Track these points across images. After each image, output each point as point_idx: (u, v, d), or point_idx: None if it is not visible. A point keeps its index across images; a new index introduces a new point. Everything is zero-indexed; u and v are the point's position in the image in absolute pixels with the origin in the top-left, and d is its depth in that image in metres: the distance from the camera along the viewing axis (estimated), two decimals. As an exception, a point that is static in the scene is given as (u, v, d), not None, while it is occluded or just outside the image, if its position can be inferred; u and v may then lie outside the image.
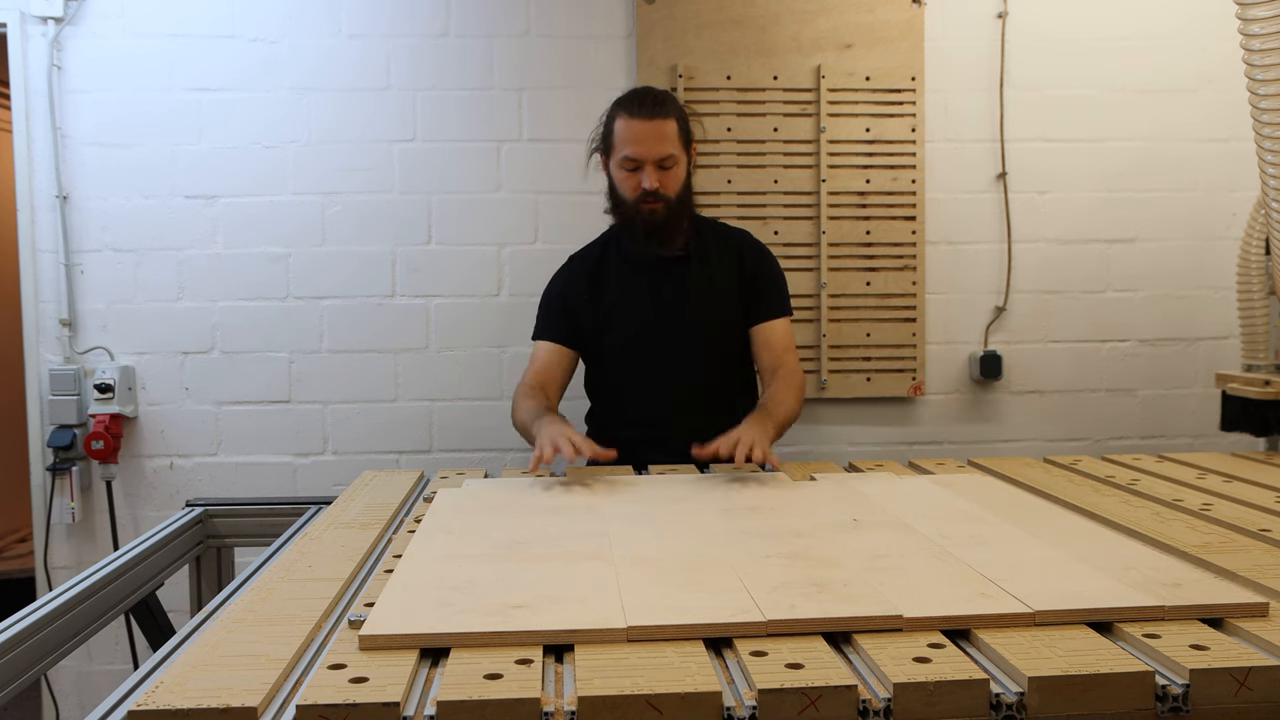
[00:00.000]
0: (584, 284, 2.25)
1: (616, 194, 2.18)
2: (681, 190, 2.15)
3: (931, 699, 0.94)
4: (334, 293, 2.91)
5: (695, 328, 2.20)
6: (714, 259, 2.23)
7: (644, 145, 2.09)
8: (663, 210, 2.13)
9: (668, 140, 2.11)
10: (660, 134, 2.10)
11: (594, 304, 2.23)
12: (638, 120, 2.10)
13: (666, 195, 2.12)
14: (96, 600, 1.63)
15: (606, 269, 2.26)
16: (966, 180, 3.00)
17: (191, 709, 0.92)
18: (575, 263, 2.31)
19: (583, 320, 2.23)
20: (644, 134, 2.09)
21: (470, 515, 1.60)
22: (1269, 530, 1.48)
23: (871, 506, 1.62)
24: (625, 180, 2.14)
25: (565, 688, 0.98)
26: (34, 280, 2.83)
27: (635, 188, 2.12)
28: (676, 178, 2.14)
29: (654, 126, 2.10)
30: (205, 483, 2.90)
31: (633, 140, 2.10)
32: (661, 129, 2.10)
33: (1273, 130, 1.91)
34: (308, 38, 2.86)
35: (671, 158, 2.11)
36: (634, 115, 2.11)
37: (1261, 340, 2.34)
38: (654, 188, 2.10)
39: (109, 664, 2.91)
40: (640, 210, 2.13)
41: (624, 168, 2.13)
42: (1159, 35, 3.01)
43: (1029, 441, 3.06)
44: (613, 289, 2.23)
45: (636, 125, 2.10)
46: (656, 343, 2.20)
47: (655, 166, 2.10)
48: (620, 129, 2.12)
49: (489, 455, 2.95)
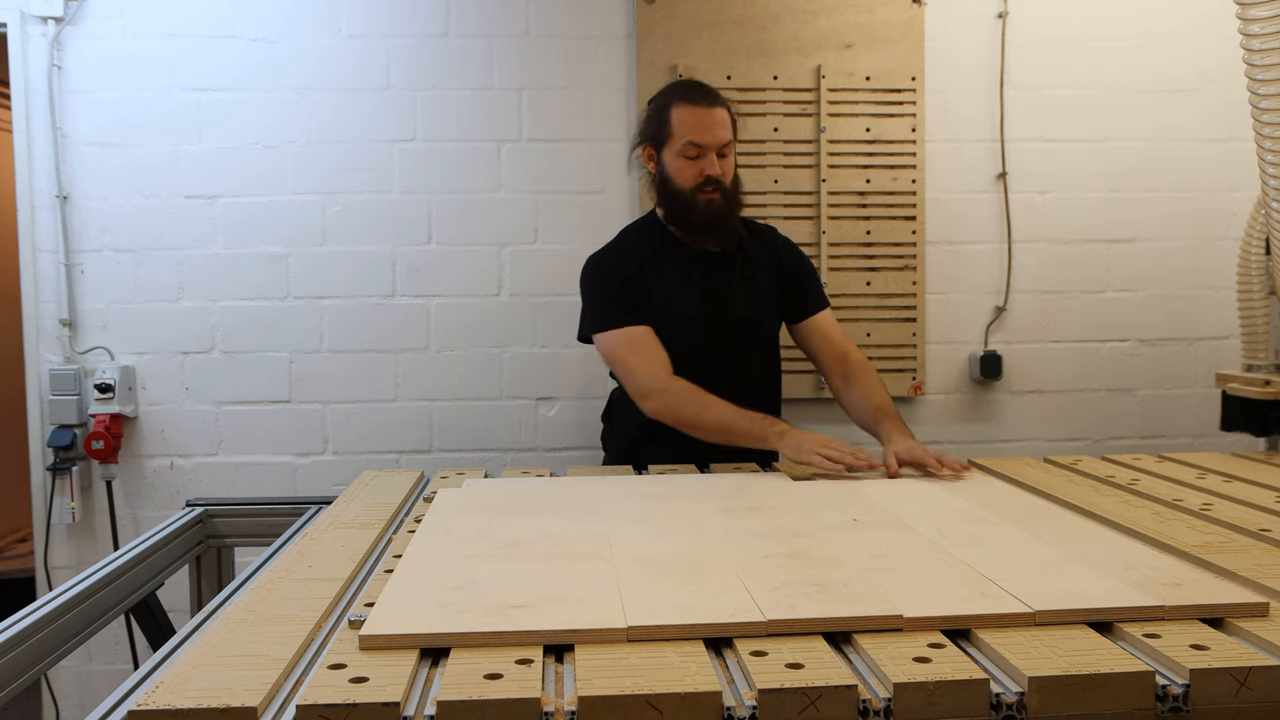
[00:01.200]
0: (637, 271, 2.18)
1: (671, 185, 2.14)
2: (734, 182, 2.17)
3: (931, 699, 0.94)
4: (334, 293, 2.91)
5: (741, 325, 2.19)
6: (754, 256, 2.23)
7: (711, 132, 2.09)
8: (721, 199, 2.12)
9: (727, 128, 2.12)
10: (722, 121, 2.11)
11: (649, 292, 2.17)
12: (700, 107, 2.10)
13: (724, 184, 2.12)
14: (96, 600, 1.63)
15: (654, 259, 2.20)
16: (966, 180, 3.00)
17: (191, 709, 0.92)
18: (617, 253, 2.23)
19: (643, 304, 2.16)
20: (711, 120, 2.09)
21: (470, 515, 1.60)
22: (1269, 530, 1.48)
23: (871, 506, 1.62)
24: (685, 169, 2.11)
25: (565, 688, 0.98)
26: (34, 280, 2.83)
27: (697, 175, 2.10)
28: (731, 166, 2.15)
29: (717, 114, 2.10)
30: (205, 483, 2.90)
31: (699, 128, 2.09)
32: (722, 116, 2.11)
33: (1273, 130, 1.91)
34: (308, 38, 2.86)
35: (730, 145, 2.13)
36: (695, 102, 2.10)
37: (1261, 340, 2.34)
38: (718, 174, 2.09)
39: (109, 664, 2.91)
40: (698, 199, 2.11)
41: (685, 155, 2.11)
42: (1159, 35, 3.01)
43: (1029, 441, 3.06)
44: (662, 280, 2.18)
45: (700, 111, 2.09)
46: (704, 337, 2.18)
47: (717, 153, 2.10)
48: (680, 116, 2.11)
49: (489, 455, 2.95)
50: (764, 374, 2.28)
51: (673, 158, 2.13)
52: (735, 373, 2.18)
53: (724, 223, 2.15)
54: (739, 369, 2.20)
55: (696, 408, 2.04)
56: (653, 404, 2.07)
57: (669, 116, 2.13)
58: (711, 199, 2.12)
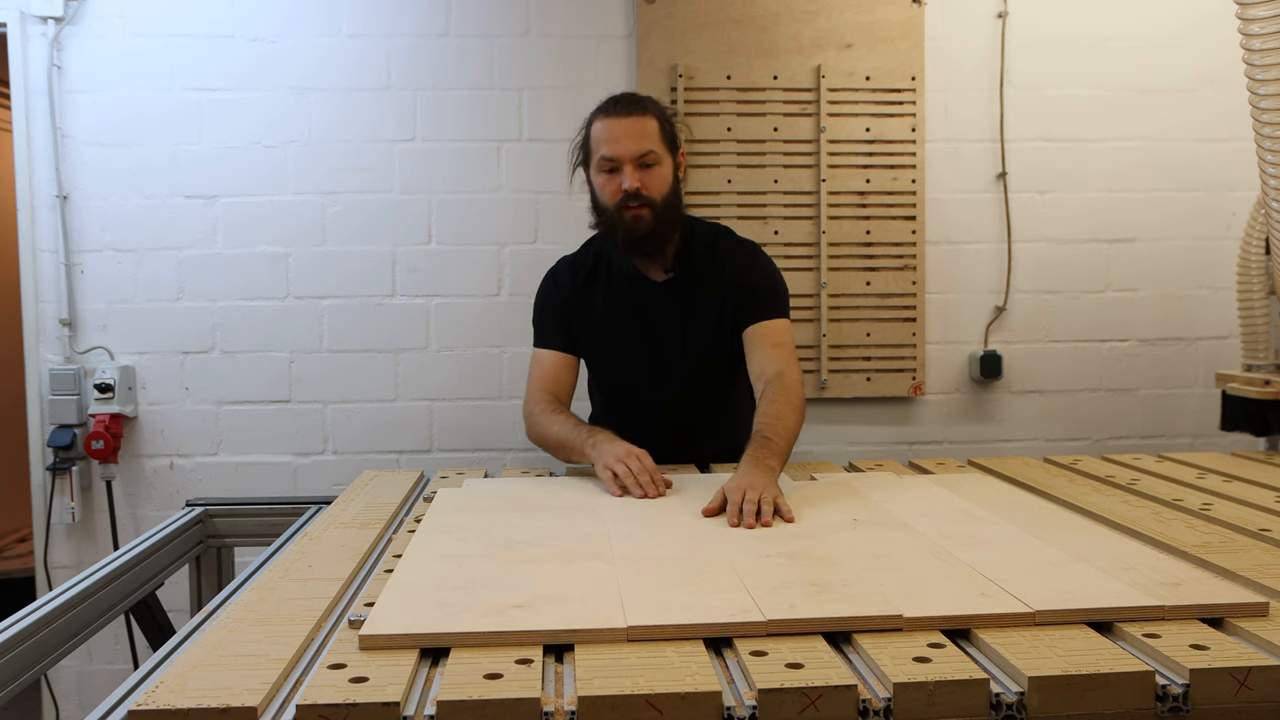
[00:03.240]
0: (575, 294, 2.11)
1: (596, 204, 2.03)
2: (668, 195, 1.99)
3: (931, 699, 0.94)
4: (334, 293, 2.91)
5: (682, 354, 2.07)
6: (701, 277, 2.07)
7: (620, 143, 1.94)
8: (648, 216, 1.96)
9: (646, 137, 1.95)
10: (638, 130, 1.95)
11: (584, 315, 2.11)
12: (613, 118, 1.96)
13: (650, 197, 1.95)
14: (96, 600, 1.63)
15: (595, 282, 2.11)
16: (966, 180, 3.00)
17: (191, 709, 0.92)
18: (564, 269, 2.17)
19: (576, 330, 2.11)
20: (620, 131, 1.95)
21: (470, 515, 1.60)
22: (1269, 530, 1.48)
23: (871, 506, 1.62)
24: (605, 185, 1.98)
25: (565, 688, 0.98)
26: (34, 280, 2.83)
27: (615, 191, 1.96)
28: (660, 179, 1.97)
29: (631, 123, 1.95)
30: (205, 483, 2.90)
31: (609, 139, 1.95)
32: (639, 125, 1.95)
33: (1273, 130, 1.91)
34: (308, 38, 2.86)
35: (652, 154, 1.95)
36: (609, 114, 1.97)
37: (1261, 340, 2.34)
38: (634, 187, 1.93)
39: (109, 664, 2.91)
40: (623, 217, 1.96)
41: (602, 170, 1.98)
42: (1159, 35, 3.01)
43: (1029, 441, 3.06)
44: (600, 305, 2.10)
45: (612, 123, 1.96)
46: (644, 366, 2.09)
47: (635, 165, 1.94)
48: (596, 131, 1.99)
49: (489, 455, 2.95)
50: (714, 403, 2.12)
51: (595, 175, 2.01)
52: (684, 392, 2.09)
53: (650, 242, 1.99)
54: (688, 389, 2.09)
55: (542, 428, 2.02)
56: (525, 429, 2.09)
57: (590, 133, 2.01)
58: (638, 215, 1.95)
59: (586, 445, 1.89)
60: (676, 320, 2.07)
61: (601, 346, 2.11)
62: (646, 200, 1.95)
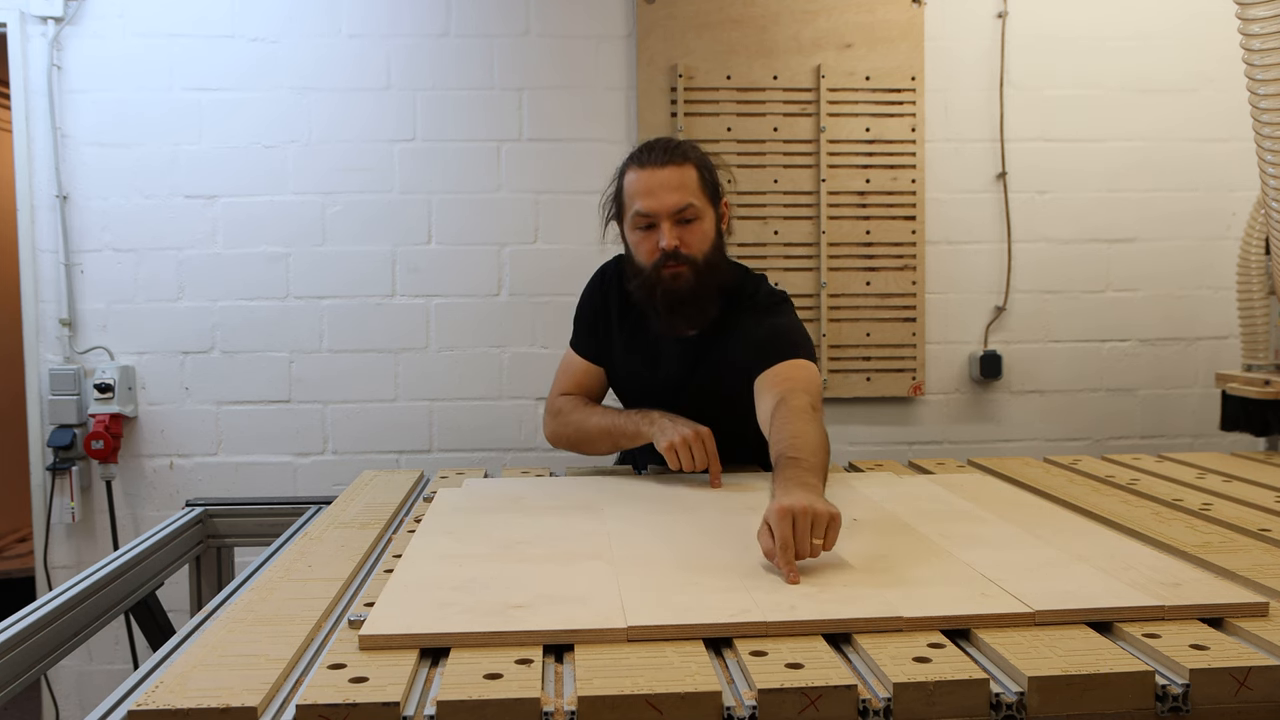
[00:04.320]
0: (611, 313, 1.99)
1: (632, 263, 1.86)
2: (710, 252, 1.81)
3: (931, 699, 0.94)
4: (334, 293, 2.91)
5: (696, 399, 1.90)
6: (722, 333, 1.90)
7: (656, 196, 1.77)
8: (689, 275, 1.79)
9: (685, 189, 1.78)
10: (676, 182, 1.78)
11: (613, 342, 1.99)
12: (648, 169, 1.79)
13: (691, 256, 1.79)
14: (96, 600, 1.63)
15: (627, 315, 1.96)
16: (966, 180, 3.00)
17: (191, 709, 0.92)
18: (611, 280, 2.00)
19: (604, 348, 2.00)
20: (656, 184, 1.78)
21: (470, 515, 1.60)
22: (1269, 530, 1.48)
23: (871, 506, 1.62)
24: (640, 243, 1.82)
25: (565, 688, 0.98)
26: (34, 280, 2.83)
27: (652, 250, 1.79)
28: (701, 234, 1.80)
29: (668, 174, 1.78)
30: (205, 483, 2.90)
31: (644, 192, 1.78)
32: (677, 176, 1.78)
33: (1273, 130, 1.91)
34: (307, 38, 2.86)
35: (692, 208, 1.78)
36: (644, 165, 1.80)
37: (1261, 340, 2.34)
38: (673, 246, 1.77)
39: (109, 664, 2.91)
40: (661, 278, 1.79)
41: (637, 227, 1.81)
42: (1159, 35, 3.01)
43: (1029, 441, 3.06)
44: (627, 341, 1.97)
45: (647, 175, 1.79)
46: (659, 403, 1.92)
47: (673, 221, 1.78)
48: (630, 183, 1.82)
49: (489, 455, 2.95)
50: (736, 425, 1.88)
51: (629, 231, 1.85)
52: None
53: (692, 307, 1.82)
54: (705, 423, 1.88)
55: (578, 421, 1.94)
56: (545, 430, 2.03)
57: (623, 184, 1.85)
58: (677, 274, 1.79)
59: (643, 424, 1.82)
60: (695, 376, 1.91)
61: (621, 374, 2.02)
62: (686, 259, 1.79)
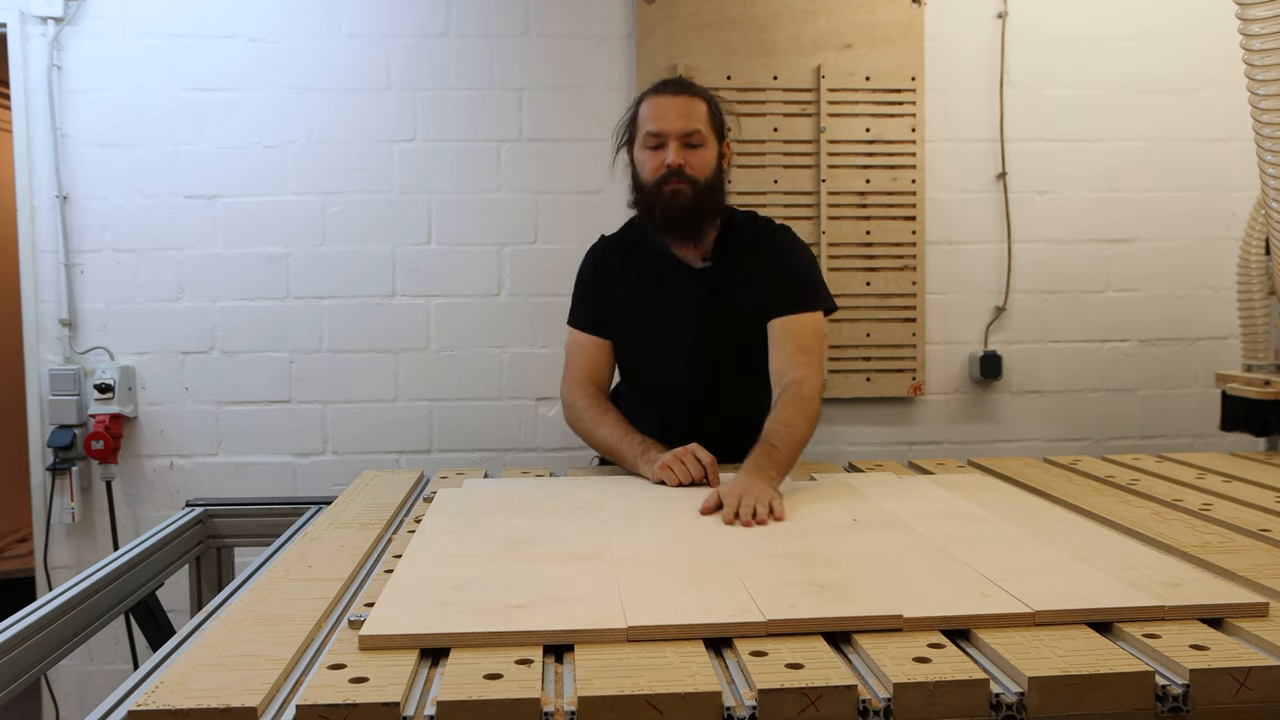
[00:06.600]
0: (609, 275, 2.10)
1: (637, 180, 2.02)
2: (711, 177, 1.97)
3: (931, 699, 0.94)
4: (334, 293, 2.91)
5: (712, 342, 2.03)
6: (737, 270, 2.03)
7: (668, 120, 1.94)
8: (688, 193, 1.94)
9: (694, 117, 1.95)
10: (686, 110, 1.95)
11: (616, 301, 2.09)
12: (663, 96, 1.98)
13: (692, 175, 1.94)
14: (96, 600, 1.63)
15: (630, 261, 2.09)
16: (966, 180, 3.00)
17: (191, 709, 0.92)
18: (604, 251, 2.15)
19: (607, 313, 2.10)
20: (669, 109, 1.95)
21: (470, 515, 1.60)
22: (1269, 530, 1.48)
23: (871, 506, 1.62)
24: (647, 161, 1.98)
25: (565, 688, 0.98)
26: (34, 280, 2.83)
27: (658, 167, 1.95)
28: (704, 160, 1.96)
29: (680, 102, 1.96)
30: (205, 483, 2.90)
31: (656, 115, 1.96)
32: (688, 105, 1.96)
33: (1273, 130, 1.91)
34: (307, 37, 2.86)
35: (699, 134, 1.95)
36: (659, 93, 1.99)
37: (1261, 340, 2.34)
38: (677, 164, 1.93)
39: (109, 664, 2.91)
40: (662, 193, 1.94)
41: (646, 146, 1.97)
42: (1159, 35, 3.01)
43: (1029, 441, 3.06)
44: (632, 292, 2.07)
45: (661, 100, 1.97)
46: (672, 355, 2.05)
47: (680, 143, 1.94)
48: (644, 109, 2.00)
49: (489, 455, 2.95)
50: (744, 399, 2.06)
51: (639, 151, 2.01)
52: (708, 395, 2.05)
53: (687, 222, 1.97)
54: (712, 392, 2.05)
55: (589, 424, 2.04)
56: (564, 413, 2.13)
57: (638, 112, 2.02)
58: (677, 190, 1.94)
59: (641, 461, 1.90)
60: (710, 307, 2.03)
61: (629, 329, 2.09)
62: (688, 178, 1.94)
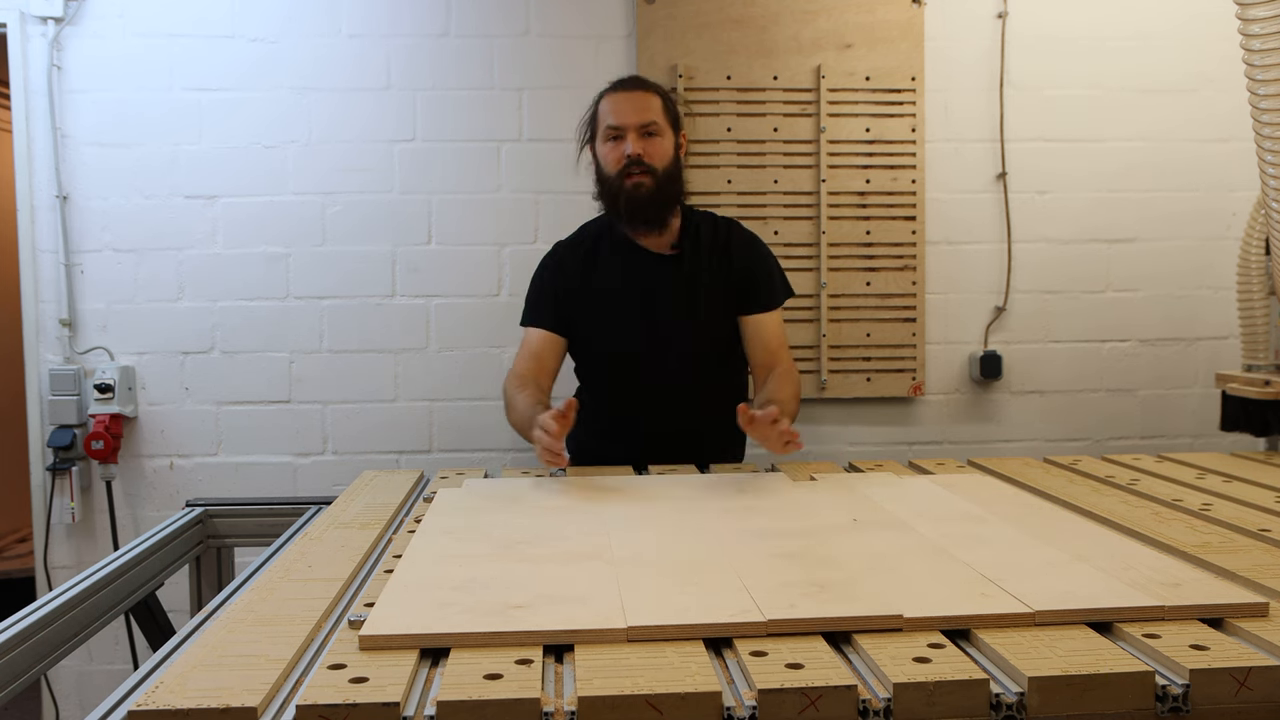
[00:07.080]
0: (573, 271, 2.17)
1: (599, 173, 2.12)
2: (670, 166, 2.08)
3: (931, 699, 0.94)
4: (334, 293, 2.91)
5: (682, 331, 2.12)
6: (704, 257, 2.15)
7: (624, 113, 2.06)
8: (650, 183, 2.05)
9: (650, 109, 2.07)
10: (642, 103, 2.07)
11: (582, 294, 2.16)
12: (620, 93, 2.10)
13: (652, 165, 2.05)
14: (96, 600, 1.63)
15: (597, 260, 2.17)
16: (966, 180, 3.00)
17: (191, 709, 0.92)
18: (564, 250, 2.23)
19: (571, 309, 2.16)
20: (625, 103, 2.07)
21: (470, 515, 1.60)
22: (1269, 530, 1.48)
23: (871, 506, 1.62)
24: (609, 154, 2.08)
25: (565, 688, 0.98)
26: (34, 280, 2.83)
27: (619, 159, 2.05)
28: (662, 149, 2.07)
29: (635, 96, 2.08)
30: (205, 483, 2.90)
31: (614, 110, 2.08)
32: (643, 99, 2.08)
33: (1273, 130, 1.91)
34: (307, 37, 2.86)
35: (655, 125, 2.07)
36: (616, 90, 2.11)
37: (1261, 340, 2.34)
38: (637, 153, 2.03)
39: (109, 664, 2.91)
40: (624, 185, 2.05)
41: (606, 139, 2.09)
42: (1159, 35, 3.01)
43: (1029, 441, 3.06)
44: (600, 281, 2.15)
45: (618, 97, 2.09)
46: (641, 343, 2.12)
47: (638, 134, 2.05)
48: (603, 106, 2.11)
49: (489, 455, 2.95)
50: (713, 374, 2.18)
51: (600, 145, 2.11)
52: (679, 376, 2.13)
53: (651, 210, 2.08)
54: (684, 372, 2.13)
55: (508, 409, 2.11)
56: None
57: (597, 110, 2.13)
58: (639, 182, 2.04)
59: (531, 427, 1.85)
60: (678, 292, 2.12)
61: (598, 318, 2.14)
62: (648, 168, 2.05)
